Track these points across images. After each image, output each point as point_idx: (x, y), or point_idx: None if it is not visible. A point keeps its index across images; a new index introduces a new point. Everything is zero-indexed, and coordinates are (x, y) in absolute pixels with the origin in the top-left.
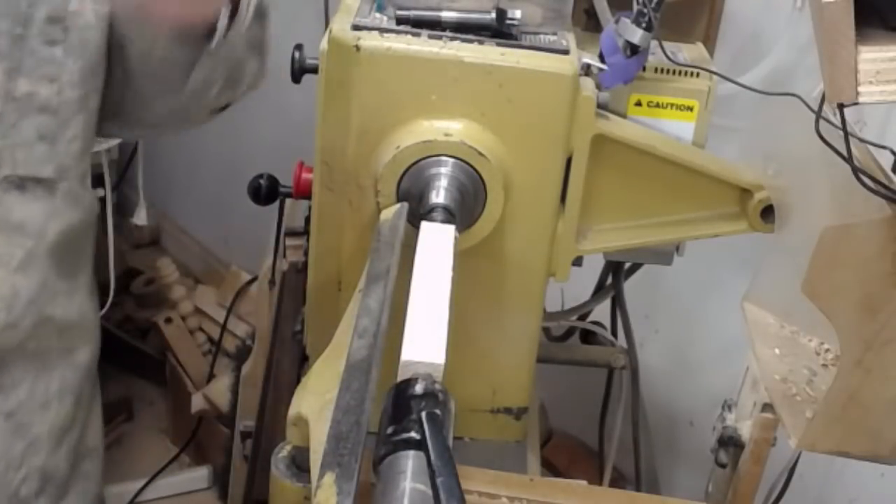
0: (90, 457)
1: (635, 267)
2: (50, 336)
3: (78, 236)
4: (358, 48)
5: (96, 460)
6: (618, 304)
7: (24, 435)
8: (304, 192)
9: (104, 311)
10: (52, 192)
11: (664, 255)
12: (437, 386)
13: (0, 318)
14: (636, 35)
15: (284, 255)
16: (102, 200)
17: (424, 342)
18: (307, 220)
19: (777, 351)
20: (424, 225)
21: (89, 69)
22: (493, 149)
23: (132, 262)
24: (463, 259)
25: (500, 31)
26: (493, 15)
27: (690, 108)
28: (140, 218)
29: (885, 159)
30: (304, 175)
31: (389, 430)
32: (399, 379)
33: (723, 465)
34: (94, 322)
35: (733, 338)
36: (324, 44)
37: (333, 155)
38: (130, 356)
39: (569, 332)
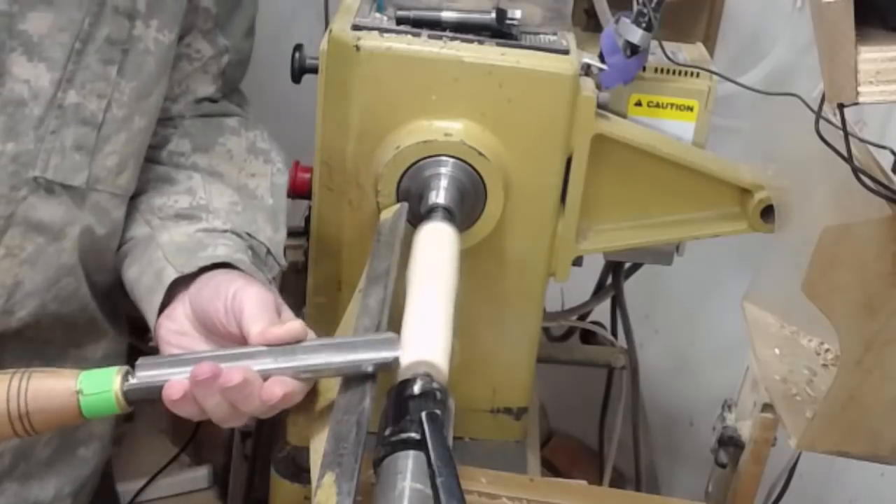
0: (88, 444)
1: (635, 267)
2: (51, 329)
3: (100, 247)
4: (358, 48)
5: (97, 448)
6: (618, 304)
7: None
8: (300, 192)
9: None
10: (81, 201)
11: (664, 255)
12: (437, 386)
13: None
14: (636, 35)
15: (284, 255)
16: None
17: (424, 342)
18: (307, 220)
19: (777, 351)
20: (424, 225)
21: (142, 91)
22: (493, 149)
23: None
24: (463, 259)
25: (500, 31)
26: (493, 15)
27: (690, 108)
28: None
29: (885, 159)
30: (301, 175)
31: (389, 431)
32: (399, 379)
33: (723, 465)
34: (105, 324)
35: (733, 338)
36: (324, 44)
37: (333, 155)
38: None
39: (569, 332)
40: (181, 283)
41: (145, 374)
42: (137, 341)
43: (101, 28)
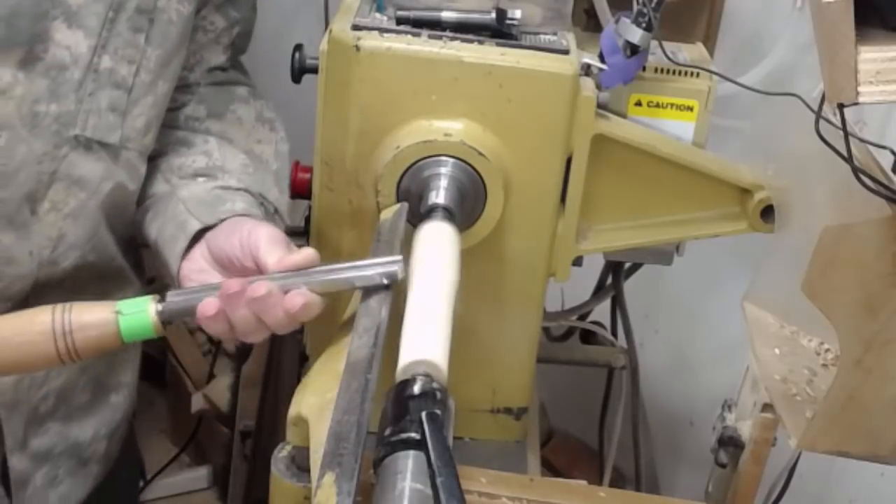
0: (118, 391)
1: (635, 267)
2: (88, 279)
3: (127, 202)
4: (358, 48)
5: (126, 395)
6: (618, 304)
7: None
8: (300, 192)
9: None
10: (115, 158)
11: (664, 255)
12: (437, 386)
13: (45, 255)
14: (636, 35)
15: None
16: None
17: (424, 342)
18: (307, 220)
19: (777, 351)
20: (424, 225)
21: (165, 58)
22: (493, 149)
23: None
24: (463, 259)
25: (500, 31)
26: (493, 15)
27: (690, 108)
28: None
29: (885, 159)
30: (300, 175)
31: (389, 430)
32: (398, 379)
33: (723, 465)
34: (131, 275)
35: (733, 338)
36: (324, 44)
37: (333, 155)
38: None
39: (569, 332)
40: (200, 233)
41: (176, 299)
42: None
43: None
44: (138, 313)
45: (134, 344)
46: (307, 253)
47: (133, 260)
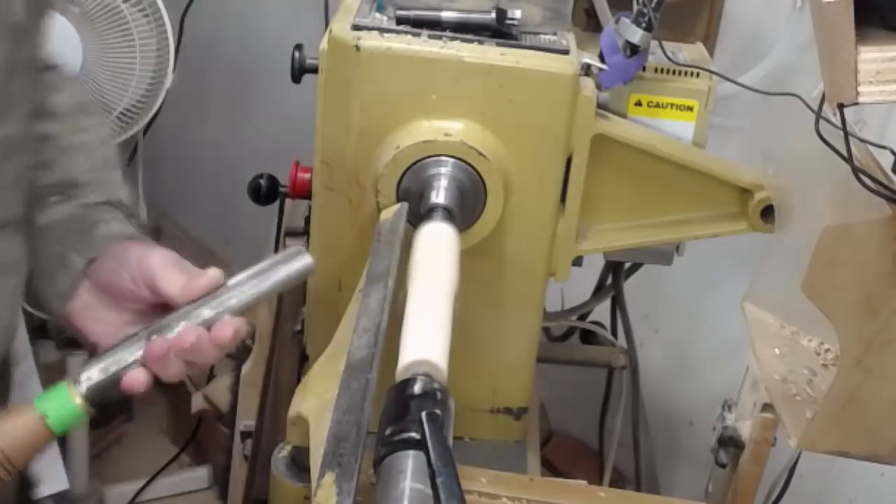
0: None
1: (635, 267)
2: None
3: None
4: (358, 48)
5: None
6: (618, 304)
7: None
8: (300, 192)
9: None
10: (26, 229)
11: (664, 255)
12: (437, 385)
13: None
14: (636, 35)
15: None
16: None
17: (424, 342)
18: (307, 220)
19: (777, 351)
20: (424, 225)
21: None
22: (493, 149)
23: None
24: (463, 259)
25: (500, 31)
26: (493, 15)
27: (690, 108)
28: (140, 218)
29: (885, 159)
30: (300, 175)
31: (389, 430)
32: (399, 379)
33: (723, 465)
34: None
35: (733, 338)
36: (324, 44)
37: (333, 155)
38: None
39: (569, 332)
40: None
41: (96, 377)
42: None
43: (21, 52)
44: (64, 408)
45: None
46: (212, 274)
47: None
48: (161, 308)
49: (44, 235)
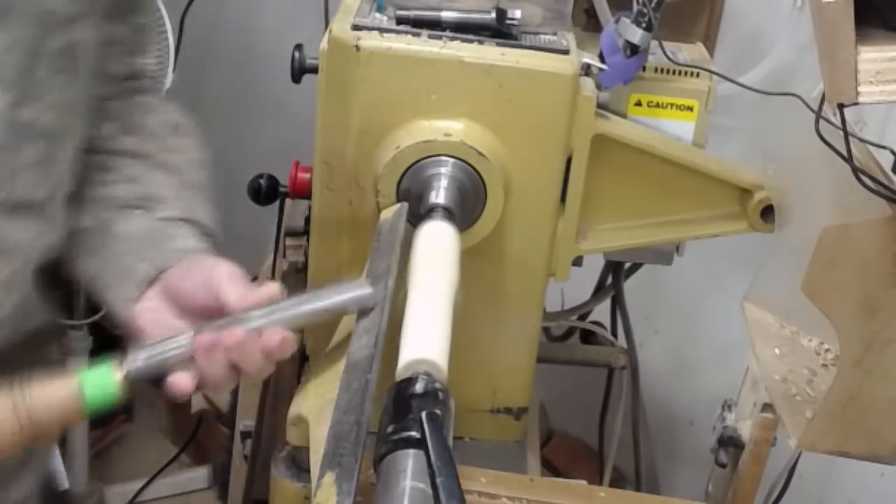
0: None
1: (635, 267)
2: (23, 343)
3: (55, 254)
4: (358, 48)
5: (49, 441)
6: (618, 304)
7: None
8: (300, 192)
9: (103, 311)
10: (41, 214)
11: (664, 255)
12: (438, 385)
13: None
14: (636, 35)
15: (284, 255)
16: None
17: (424, 341)
18: (307, 220)
19: (777, 351)
20: (424, 225)
21: (84, 93)
22: (493, 149)
23: None
24: (463, 259)
25: (500, 31)
26: (493, 15)
27: (690, 108)
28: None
29: (885, 159)
30: (300, 175)
31: (390, 429)
32: (399, 378)
33: (723, 465)
34: (58, 320)
35: (733, 338)
36: (324, 44)
37: (333, 155)
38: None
39: (569, 332)
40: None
41: (139, 364)
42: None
43: (49, 40)
44: (102, 388)
45: None
46: (271, 288)
47: (62, 307)
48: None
49: (117, 244)
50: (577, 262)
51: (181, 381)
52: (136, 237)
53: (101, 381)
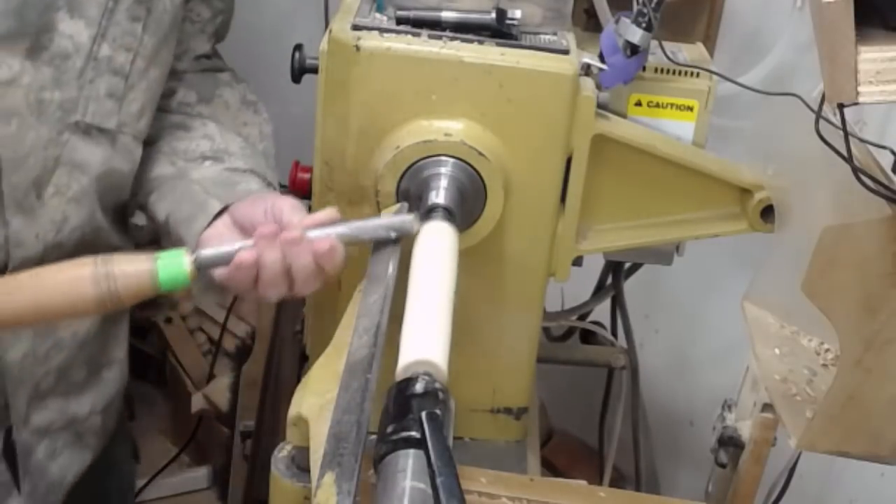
0: (111, 367)
1: (635, 267)
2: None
3: (122, 184)
4: (358, 48)
5: (118, 371)
6: (618, 304)
7: (50, 335)
8: (300, 192)
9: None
10: (112, 142)
11: (664, 255)
12: (438, 385)
13: (50, 238)
14: (636, 35)
15: None
16: None
17: (424, 341)
18: None
19: (777, 351)
20: (424, 225)
21: (158, 46)
22: (493, 149)
23: None
24: (463, 259)
25: (500, 31)
26: (493, 15)
27: (690, 108)
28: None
29: (885, 159)
30: (300, 175)
31: (390, 429)
32: (399, 378)
33: (723, 465)
34: (126, 249)
35: (733, 338)
36: (324, 44)
37: (333, 155)
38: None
39: (569, 332)
40: (220, 211)
41: (209, 252)
42: (137, 341)
43: None
44: (175, 268)
45: (124, 320)
46: (329, 210)
47: (124, 237)
48: None
49: (192, 186)
50: (577, 262)
51: (245, 255)
52: (208, 180)
53: (174, 263)
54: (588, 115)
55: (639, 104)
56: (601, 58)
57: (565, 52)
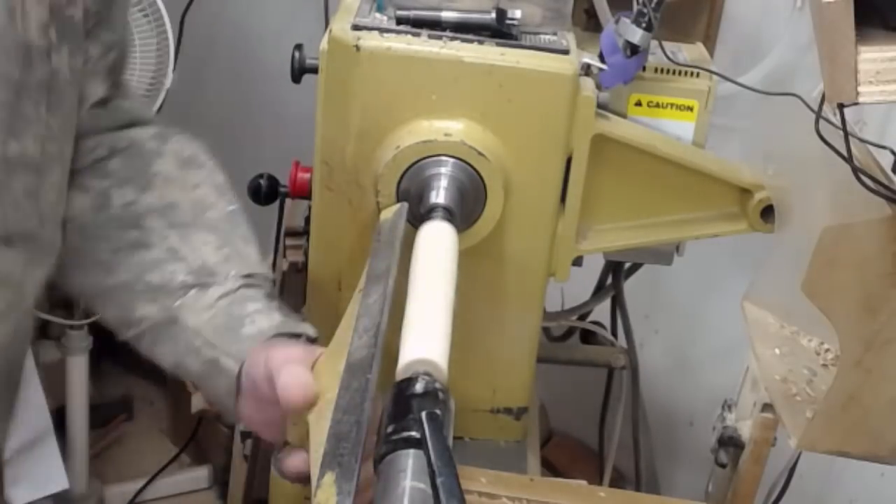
0: None
1: (635, 267)
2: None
3: (46, 273)
4: (358, 48)
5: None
6: (618, 304)
7: None
8: (300, 192)
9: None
10: (34, 242)
11: (664, 255)
12: (438, 385)
13: None
14: (636, 35)
15: (284, 255)
16: None
17: (424, 341)
18: (307, 220)
19: (777, 351)
20: (424, 225)
21: (65, 121)
22: (493, 149)
23: None
24: (463, 259)
25: (500, 31)
26: (493, 15)
27: (690, 108)
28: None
29: (885, 159)
30: (301, 175)
31: (390, 429)
32: (399, 378)
33: (723, 465)
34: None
35: (733, 338)
36: (324, 44)
37: (333, 155)
38: (130, 356)
39: (569, 332)
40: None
41: None
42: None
43: (30, 74)
44: None
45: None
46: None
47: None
48: None
49: (195, 338)
50: (577, 262)
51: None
52: (209, 328)
53: None
54: (588, 115)
55: (639, 104)
56: (601, 58)
57: (565, 52)
